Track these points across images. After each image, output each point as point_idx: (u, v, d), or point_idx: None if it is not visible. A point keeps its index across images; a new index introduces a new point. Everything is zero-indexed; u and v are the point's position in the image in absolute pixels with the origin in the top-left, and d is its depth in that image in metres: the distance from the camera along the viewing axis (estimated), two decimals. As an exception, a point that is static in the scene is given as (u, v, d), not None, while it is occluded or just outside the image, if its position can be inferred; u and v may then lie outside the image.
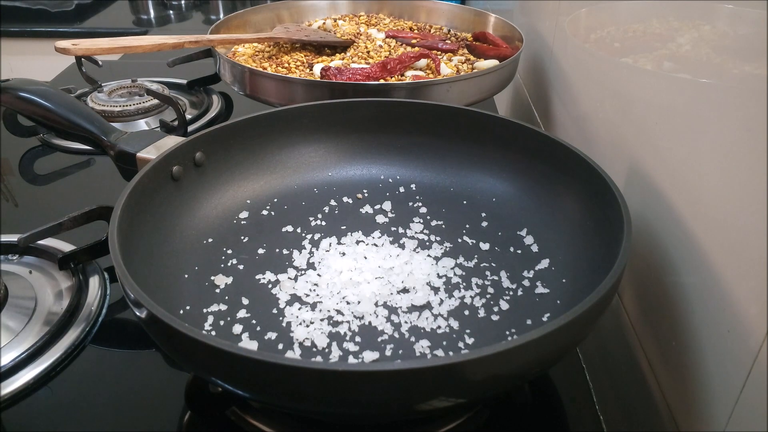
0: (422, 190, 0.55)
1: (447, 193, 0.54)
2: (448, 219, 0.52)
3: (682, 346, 0.38)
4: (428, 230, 0.50)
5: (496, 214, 0.51)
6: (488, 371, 0.30)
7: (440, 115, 0.55)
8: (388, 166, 0.57)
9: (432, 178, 0.56)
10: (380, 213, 0.53)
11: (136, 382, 0.43)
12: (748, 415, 0.31)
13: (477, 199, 0.53)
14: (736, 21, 0.35)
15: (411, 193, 0.55)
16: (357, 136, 0.56)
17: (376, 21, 0.90)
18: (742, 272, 0.32)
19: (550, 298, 0.43)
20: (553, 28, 0.72)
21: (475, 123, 0.54)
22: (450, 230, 0.50)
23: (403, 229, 0.51)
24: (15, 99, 0.56)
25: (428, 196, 0.54)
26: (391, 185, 0.56)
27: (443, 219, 0.52)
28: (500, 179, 0.53)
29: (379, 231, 0.50)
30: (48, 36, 1.42)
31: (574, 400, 0.42)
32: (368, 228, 0.51)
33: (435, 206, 0.53)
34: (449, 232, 0.50)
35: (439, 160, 0.56)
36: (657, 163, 0.43)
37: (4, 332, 0.44)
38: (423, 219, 0.52)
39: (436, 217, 0.52)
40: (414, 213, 0.53)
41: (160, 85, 0.82)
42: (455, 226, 0.51)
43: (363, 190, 0.55)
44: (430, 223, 0.51)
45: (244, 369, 0.29)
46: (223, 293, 0.44)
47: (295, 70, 0.70)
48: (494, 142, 0.53)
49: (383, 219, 0.52)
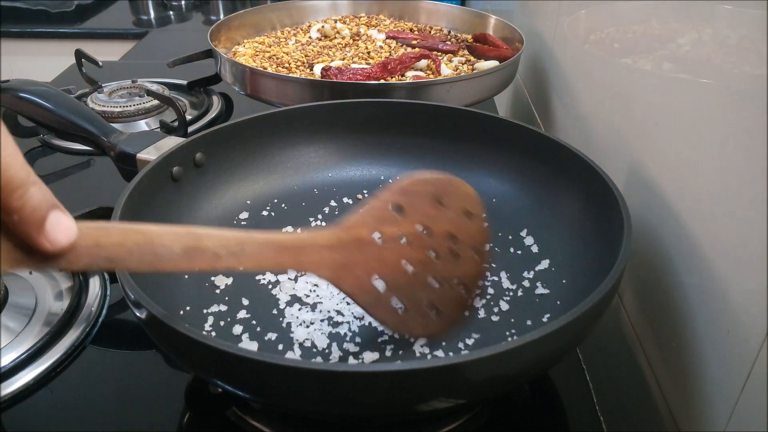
0: (422, 191, 0.55)
1: (447, 194, 0.54)
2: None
3: (682, 346, 0.38)
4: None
5: (496, 215, 0.51)
6: (488, 372, 0.30)
7: (440, 115, 0.55)
8: (388, 166, 0.57)
9: (432, 179, 0.56)
10: (380, 213, 0.53)
11: (136, 383, 0.43)
12: (748, 415, 0.31)
13: (477, 200, 0.53)
14: (736, 22, 0.35)
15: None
16: (357, 137, 0.56)
17: (376, 22, 0.90)
18: (742, 273, 0.32)
19: (550, 299, 0.43)
20: (553, 29, 0.72)
21: (476, 123, 0.54)
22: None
23: (403, 230, 0.51)
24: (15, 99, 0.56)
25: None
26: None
27: (443, 219, 0.52)
28: (500, 180, 0.53)
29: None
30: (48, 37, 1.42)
31: (574, 401, 0.42)
32: (368, 228, 0.51)
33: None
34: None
35: (440, 161, 0.56)
36: (657, 164, 0.43)
37: (4, 333, 0.44)
38: (423, 219, 0.52)
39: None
40: (414, 213, 0.53)
41: (160, 86, 0.82)
42: (455, 226, 0.51)
43: (363, 191, 0.55)
44: (430, 223, 0.51)
45: (244, 370, 0.29)
46: (223, 294, 0.44)
47: (295, 70, 0.70)
48: (494, 143, 0.53)
49: (383, 219, 0.52)
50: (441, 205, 0.38)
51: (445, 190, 0.38)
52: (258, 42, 0.82)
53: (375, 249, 0.36)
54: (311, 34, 0.84)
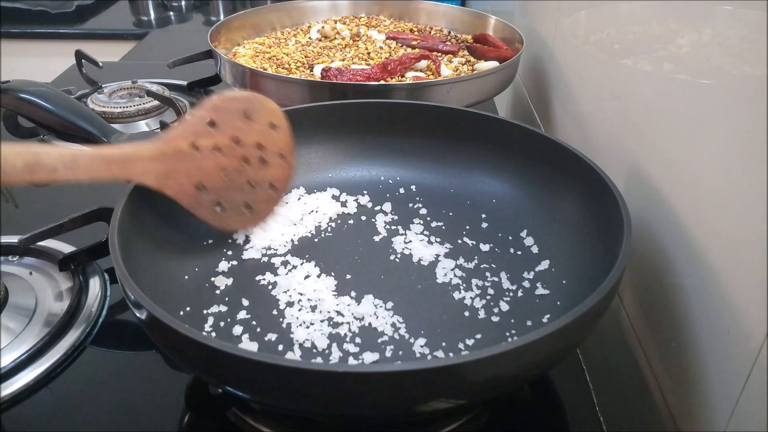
0: (422, 191, 0.55)
1: (447, 195, 0.54)
2: (448, 220, 0.52)
3: (682, 346, 0.38)
4: (428, 231, 0.50)
5: (497, 216, 0.51)
6: (488, 372, 0.30)
7: (440, 116, 0.55)
8: (388, 167, 0.57)
9: (432, 180, 0.56)
10: (380, 214, 0.53)
11: (136, 384, 0.43)
12: (748, 415, 0.31)
13: (477, 200, 0.53)
14: (736, 22, 0.35)
15: (411, 194, 0.55)
16: (357, 137, 0.56)
17: (376, 22, 0.90)
18: (742, 273, 0.32)
19: (550, 300, 0.43)
20: (553, 29, 0.72)
21: (476, 124, 0.54)
22: (450, 231, 0.50)
23: (404, 230, 0.51)
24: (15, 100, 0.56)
25: (428, 197, 0.54)
26: (391, 186, 0.56)
27: (443, 220, 0.52)
28: (500, 180, 0.53)
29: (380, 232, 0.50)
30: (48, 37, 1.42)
31: (574, 401, 0.42)
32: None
33: (435, 207, 0.53)
34: (449, 233, 0.50)
35: (440, 161, 0.56)
36: (657, 164, 0.43)
37: (4, 333, 0.44)
38: (423, 220, 0.52)
39: (437, 218, 0.52)
40: (414, 214, 0.53)
41: (160, 87, 0.82)
42: (455, 227, 0.51)
43: (363, 191, 0.55)
44: (431, 224, 0.51)
45: (244, 370, 0.29)
46: (223, 294, 0.44)
47: (295, 71, 0.70)
48: (494, 144, 0.53)
49: (383, 220, 0.52)
50: (249, 119, 0.44)
51: (252, 107, 0.44)
52: (258, 43, 0.82)
53: (194, 158, 0.42)
54: (311, 35, 0.84)
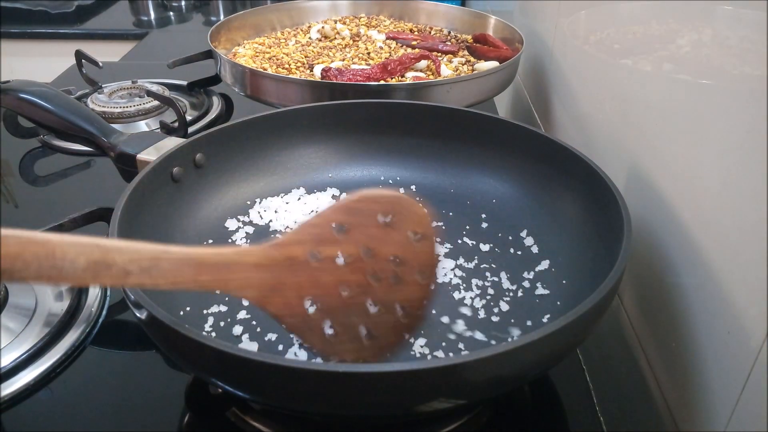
0: (422, 192, 0.55)
1: (447, 195, 0.54)
2: (448, 220, 0.52)
3: (682, 347, 0.38)
4: (428, 231, 0.50)
5: (497, 216, 0.51)
6: (488, 372, 0.30)
7: (440, 116, 0.55)
8: (388, 167, 0.57)
9: (432, 180, 0.56)
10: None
11: (136, 384, 0.43)
12: (748, 415, 0.31)
13: (477, 201, 0.53)
14: (736, 22, 0.35)
15: (411, 195, 0.55)
16: (357, 138, 0.56)
17: (376, 22, 0.90)
18: (742, 273, 0.32)
19: (550, 300, 0.43)
20: (553, 29, 0.72)
21: (475, 124, 0.54)
22: (450, 231, 0.50)
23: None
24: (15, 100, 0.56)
25: (428, 197, 0.54)
26: (391, 186, 0.56)
27: (443, 220, 0.52)
28: (500, 180, 0.53)
29: (380, 232, 0.50)
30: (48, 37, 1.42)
31: (574, 401, 0.42)
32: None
33: (435, 207, 0.53)
34: (449, 233, 0.50)
35: (440, 162, 0.56)
36: (657, 165, 0.43)
37: (4, 333, 0.44)
38: (423, 220, 0.52)
39: (437, 218, 0.52)
40: (414, 214, 0.53)
41: (160, 87, 0.82)
42: (455, 227, 0.51)
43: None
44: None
45: (244, 370, 0.29)
46: (223, 294, 0.43)
47: (295, 71, 0.70)
48: (494, 144, 0.53)
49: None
50: (388, 226, 0.34)
51: (394, 210, 0.34)
52: (258, 43, 0.82)
53: (309, 270, 0.33)
54: (311, 35, 0.84)
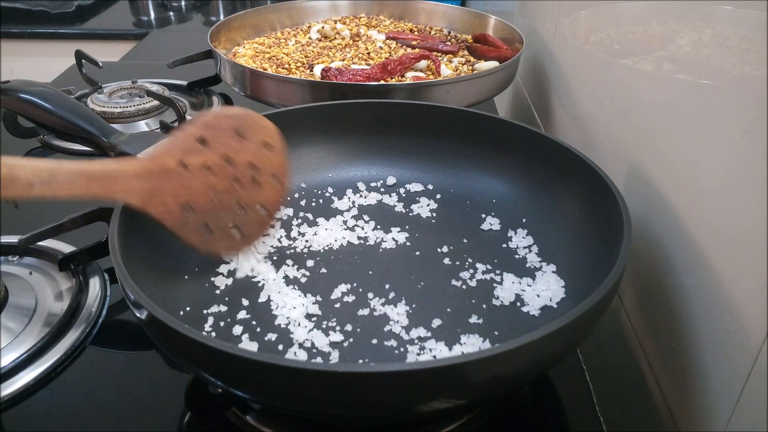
0: (422, 192, 0.55)
1: (447, 194, 0.54)
2: (448, 220, 0.52)
3: (682, 347, 0.38)
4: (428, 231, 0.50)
5: (496, 215, 0.51)
6: (488, 372, 0.30)
7: (440, 116, 0.55)
8: (388, 167, 0.57)
9: (432, 179, 0.56)
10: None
11: (136, 384, 0.43)
12: (748, 416, 0.31)
13: (477, 201, 0.53)
14: (736, 22, 0.35)
15: (411, 195, 0.55)
16: (357, 138, 0.56)
17: (376, 22, 0.90)
18: (742, 273, 0.32)
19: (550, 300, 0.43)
20: (553, 29, 0.72)
21: (475, 124, 0.54)
22: (450, 231, 0.50)
23: (403, 231, 0.51)
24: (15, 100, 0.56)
25: (428, 197, 0.54)
26: (391, 186, 0.56)
27: (443, 220, 0.52)
28: (500, 180, 0.53)
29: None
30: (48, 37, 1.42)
31: (574, 401, 0.42)
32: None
33: (435, 207, 0.53)
34: (449, 234, 0.50)
35: (439, 162, 0.56)
36: (657, 165, 0.43)
37: (4, 333, 0.44)
38: (423, 220, 0.52)
39: (436, 218, 0.52)
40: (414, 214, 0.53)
41: (160, 87, 0.82)
42: (455, 227, 0.51)
43: (363, 191, 0.55)
44: (430, 224, 0.51)
45: (244, 370, 0.29)
46: (223, 294, 0.44)
47: (295, 71, 0.70)
48: (494, 144, 0.53)
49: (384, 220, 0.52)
50: (242, 138, 0.42)
51: (246, 125, 0.42)
52: (258, 43, 0.82)
53: (181, 177, 0.40)
54: (311, 35, 0.84)
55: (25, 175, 0.33)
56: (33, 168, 0.34)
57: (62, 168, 0.35)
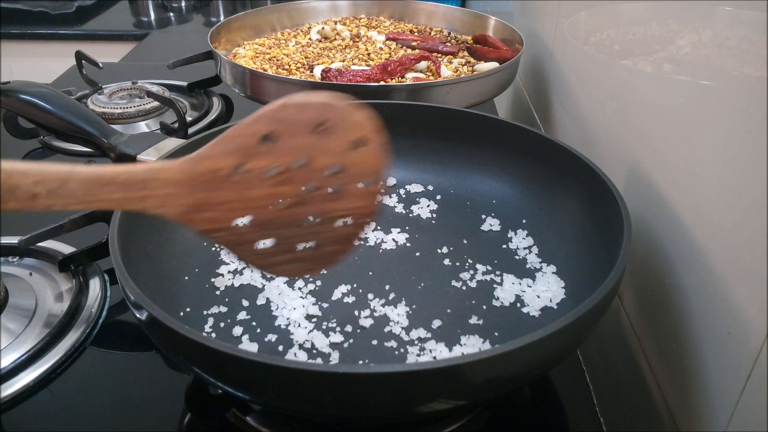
0: (422, 192, 0.55)
1: (447, 195, 0.54)
2: (448, 220, 0.52)
3: (682, 347, 0.38)
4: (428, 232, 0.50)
5: (497, 216, 0.51)
6: (488, 373, 0.30)
7: (440, 117, 0.55)
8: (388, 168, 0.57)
9: (432, 180, 0.56)
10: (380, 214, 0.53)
11: (137, 384, 0.43)
12: (748, 415, 0.31)
13: (477, 201, 0.53)
14: (736, 23, 0.35)
15: (411, 195, 0.55)
16: (357, 138, 0.56)
17: (376, 23, 0.90)
18: (742, 274, 0.32)
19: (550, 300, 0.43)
20: (553, 30, 0.72)
21: (475, 125, 0.54)
22: (450, 232, 0.50)
23: (403, 231, 0.51)
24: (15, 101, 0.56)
25: (428, 197, 0.54)
26: (391, 187, 0.56)
27: (443, 220, 0.52)
28: (500, 181, 0.53)
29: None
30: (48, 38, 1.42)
31: (574, 402, 0.42)
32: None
33: (435, 208, 0.53)
34: (450, 234, 0.50)
35: (439, 162, 0.56)
36: (657, 165, 0.43)
37: (4, 334, 0.44)
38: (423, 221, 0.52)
39: (437, 218, 0.52)
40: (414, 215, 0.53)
41: (160, 87, 0.82)
42: (455, 227, 0.51)
43: (363, 192, 0.55)
44: (431, 224, 0.51)
45: (244, 371, 0.29)
46: (223, 295, 0.44)
47: (295, 72, 0.70)
48: (494, 145, 0.53)
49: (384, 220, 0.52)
50: (324, 135, 0.32)
51: (330, 117, 0.32)
52: (258, 44, 0.82)
53: (238, 186, 0.31)
54: (311, 36, 0.84)
55: (26, 184, 0.27)
56: (38, 175, 0.27)
57: (76, 175, 0.28)
